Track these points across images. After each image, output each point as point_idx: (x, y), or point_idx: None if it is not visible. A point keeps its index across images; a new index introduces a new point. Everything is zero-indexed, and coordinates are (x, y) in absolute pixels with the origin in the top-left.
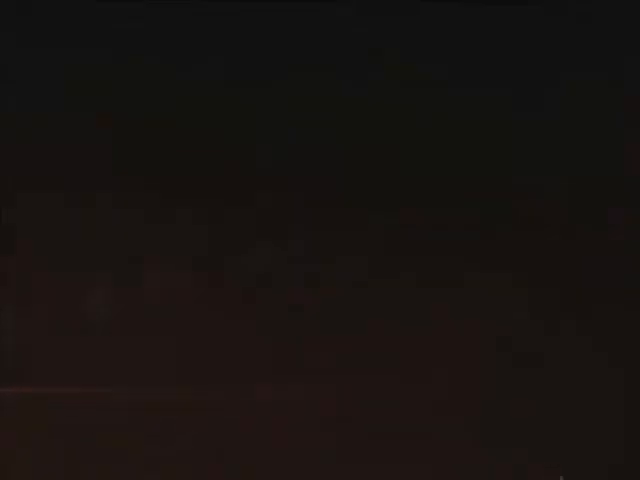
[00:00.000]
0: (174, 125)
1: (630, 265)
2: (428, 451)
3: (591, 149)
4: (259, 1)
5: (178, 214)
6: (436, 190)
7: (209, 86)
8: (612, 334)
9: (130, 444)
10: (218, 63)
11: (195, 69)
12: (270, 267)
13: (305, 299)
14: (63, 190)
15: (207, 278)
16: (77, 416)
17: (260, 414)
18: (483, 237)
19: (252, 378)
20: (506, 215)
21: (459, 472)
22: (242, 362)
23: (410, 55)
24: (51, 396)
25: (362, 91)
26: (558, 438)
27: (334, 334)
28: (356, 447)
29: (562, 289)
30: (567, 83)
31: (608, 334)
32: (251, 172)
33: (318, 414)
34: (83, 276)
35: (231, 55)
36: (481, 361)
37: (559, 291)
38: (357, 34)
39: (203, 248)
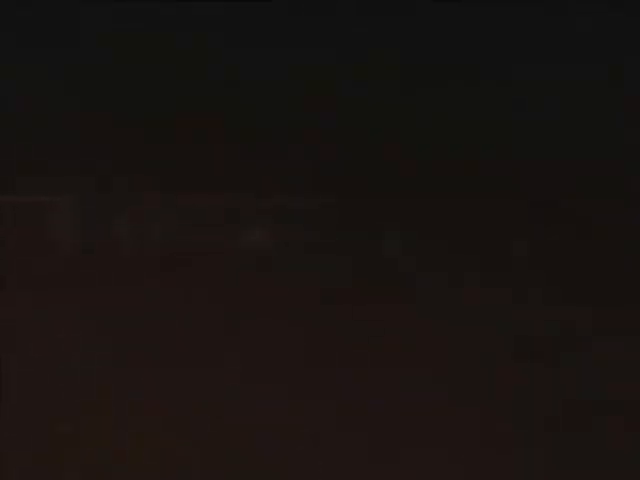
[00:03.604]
0: (174, 125)
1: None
2: None
3: (591, 149)
4: (259, 1)
5: None
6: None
7: (209, 86)
8: None
9: None
10: (218, 63)
11: (195, 69)
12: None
13: None
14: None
15: None
16: None
17: None
18: (483, 235)
19: None
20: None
21: None
22: None
23: (410, 55)
24: None
25: (362, 91)
26: None
27: None
28: None
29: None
30: (567, 83)
31: None
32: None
33: None
34: None
35: (231, 55)
36: None
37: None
38: (357, 34)
39: None
